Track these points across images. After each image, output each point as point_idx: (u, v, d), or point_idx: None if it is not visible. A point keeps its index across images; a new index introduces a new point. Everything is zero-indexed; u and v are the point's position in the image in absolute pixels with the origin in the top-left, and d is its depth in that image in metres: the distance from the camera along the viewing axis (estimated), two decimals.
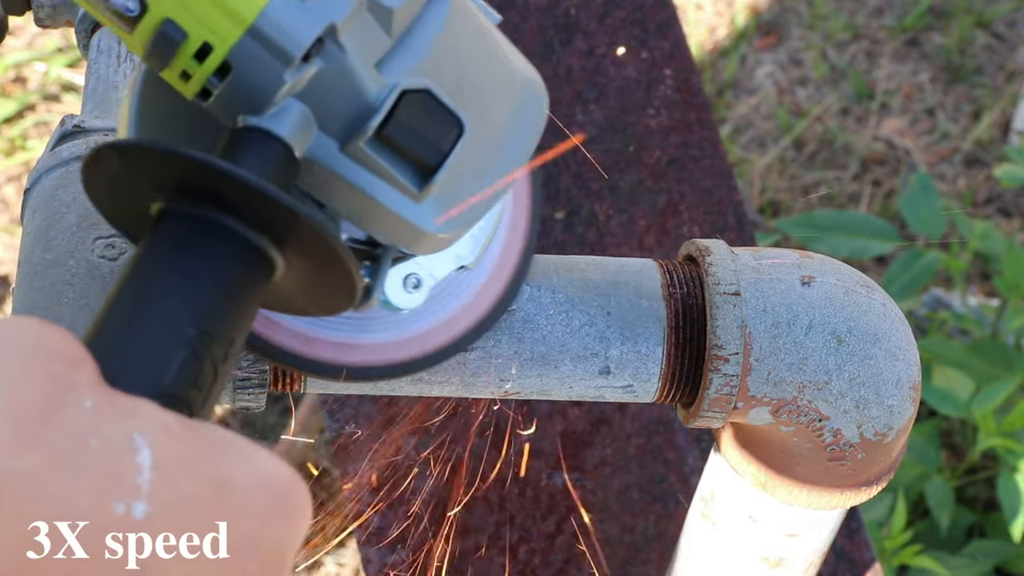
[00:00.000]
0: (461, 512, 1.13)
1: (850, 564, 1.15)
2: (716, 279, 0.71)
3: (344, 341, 0.66)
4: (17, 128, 2.13)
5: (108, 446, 0.41)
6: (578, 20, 1.36)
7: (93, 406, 0.42)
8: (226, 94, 0.54)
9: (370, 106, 0.55)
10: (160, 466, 0.41)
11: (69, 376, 0.42)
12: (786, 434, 0.74)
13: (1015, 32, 2.34)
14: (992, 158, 2.18)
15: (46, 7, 0.89)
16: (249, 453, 0.44)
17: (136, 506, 0.41)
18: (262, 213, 0.50)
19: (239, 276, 0.50)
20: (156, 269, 0.49)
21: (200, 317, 0.49)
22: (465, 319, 0.68)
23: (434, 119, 0.56)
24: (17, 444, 0.40)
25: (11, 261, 2.01)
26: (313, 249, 0.51)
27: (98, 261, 0.69)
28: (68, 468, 0.40)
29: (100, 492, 0.40)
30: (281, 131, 0.54)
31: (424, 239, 0.59)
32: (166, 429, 0.43)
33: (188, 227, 0.50)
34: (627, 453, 1.17)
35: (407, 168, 0.57)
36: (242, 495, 0.43)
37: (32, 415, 0.40)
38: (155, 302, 0.48)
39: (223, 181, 0.49)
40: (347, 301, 0.54)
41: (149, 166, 0.50)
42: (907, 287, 1.68)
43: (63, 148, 0.74)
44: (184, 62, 0.53)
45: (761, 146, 2.19)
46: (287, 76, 0.53)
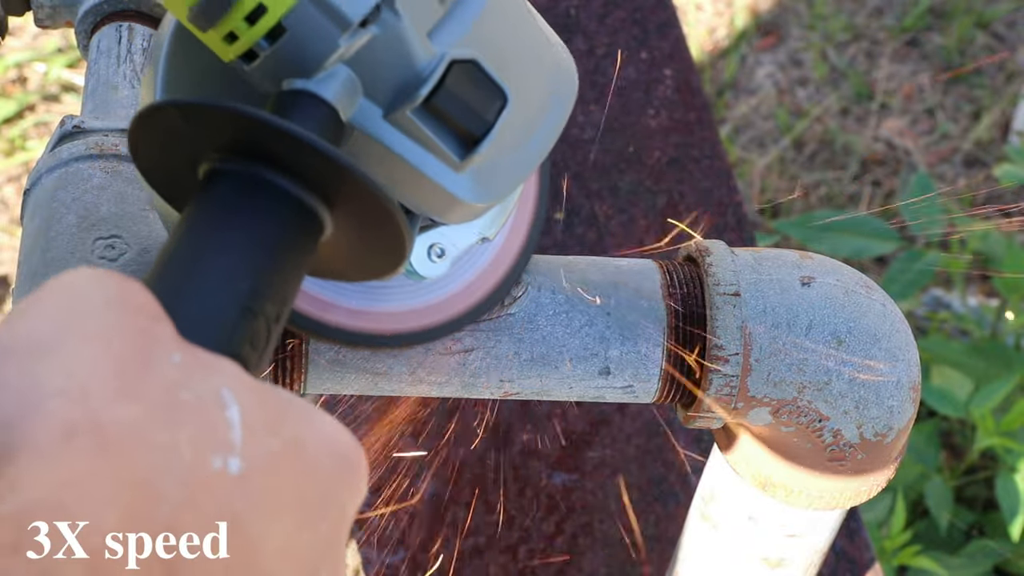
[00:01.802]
0: (461, 510, 1.13)
1: (850, 564, 1.15)
2: (716, 279, 0.71)
3: (358, 308, 0.66)
4: (17, 128, 2.13)
5: (200, 401, 0.41)
6: (578, 20, 1.36)
7: (180, 360, 0.42)
8: (274, 57, 0.53)
9: (418, 75, 0.55)
10: (248, 423, 0.42)
11: (154, 330, 0.42)
12: (786, 434, 0.74)
13: (1015, 32, 2.34)
14: (992, 158, 2.18)
15: (46, 7, 0.89)
16: (315, 415, 0.45)
17: (232, 461, 0.41)
18: (315, 172, 0.49)
19: (291, 235, 0.50)
20: (209, 228, 0.49)
21: (254, 276, 0.48)
22: (477, 291, 0.69)
23: (480, 90, 0.56)
24: (119, 394, 0.40)
25: (11, 261, 2.01)
26: (363, 210, 0.51)
27: (98, 262, 0.69)
28: (167, 420, 0.40)
29: (199, 446, 0.40)
30: (329, 95, 0.53)
31: (459, 208, 0.59)
32: (246, 386, 0.43)
33: (238, 186, 0.50)
34: (627, 453, 1.17)
35: (450, 137, 0.56)
36: (314, 455, 0.43)
37: (127, 365, 0.40)
38: (211, 260, 0.48)
39: (277, 139, 0.49)
40: (393, 265, 0.54)
41: (202, 124, 0.49)
42: (907, 287, 1.68)
43: (63, 149, 0.74)
44: (234, 23, 0.53)
45: (761, 146, 2.19)
46: (342, 41, 0.53)
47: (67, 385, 0.39)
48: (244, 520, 0.40)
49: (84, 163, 0.73)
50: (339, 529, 0.44)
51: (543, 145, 0.61)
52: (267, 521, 0.41)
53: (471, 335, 0.70)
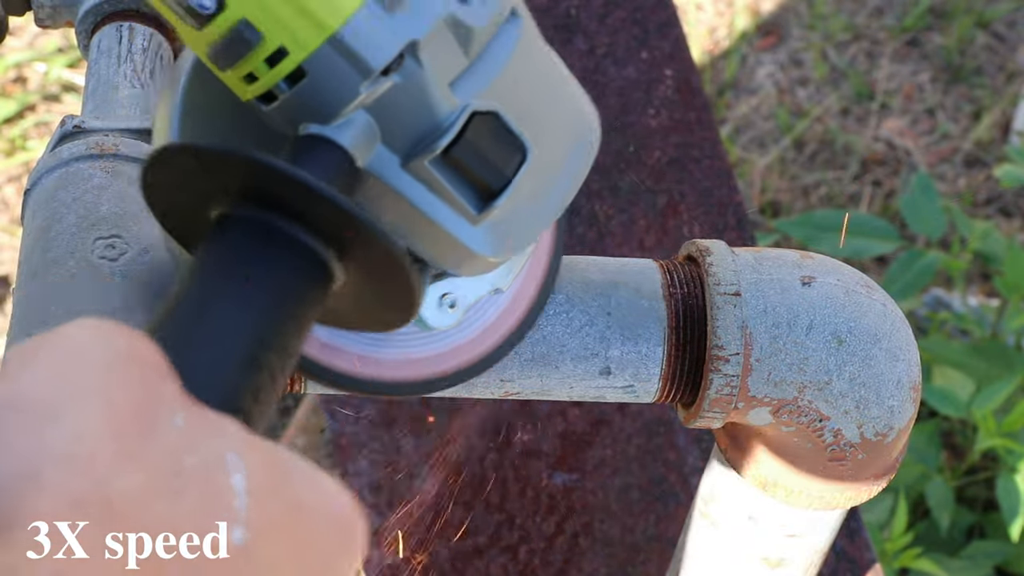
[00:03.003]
0: (461, 512, 1.13)
1: (850, 564, 1.15)
2: (716, 279, 0.71)
3: (364, 354, 0.66)
4: (17, 128, 2.13)
5: (204, 466, 0.40)
6: (578, 20, 1.36)
7: (184, 422, 0.41)
8: (293, 101, 0.52)
9: (439, 125, 0.54)
10: (252, 490, 0.41)
11: (159, 388, 0.41)
12: (786, 434, 0.74)
13: (1015, 32, 2.34)
14: (992, 158, 2.18)
15: (46, 7, 0.89)
16: (315, 477, 0.44)
17: (236, 531, 0.40)
18: (328, 222, 0.48)
19: (300, 286, 0.49)
20: (216, 276, 0.48)
21: (260, 327, 0.47)
22: (486, 341, 0.68)
23: (500, 143, 0.55)
24: (120, 461, 0.38)
25: (11, 261, 2.01)
26: (375, 263, 0.50)
27: (98, 262, 0.69)
28: (170, 489, 0.39)
29: (202, 516, 0.39)
30: (346, 142, 0.52)
31: (474, 261, 0.58)
32: (250, 448, 0.42)
33: (250, 233, 0.49)
34: (627, 453, 1.17)
35: (468, 190, 0.56)
36: (315, 521, 0.43)
37: (130, 429, 0.39)
38: (217, 311, 0.47)
39: (289, 187, 0.48)
40: (403, 318, 0.53)
41: (216, 169, 0.48)
42: (907, 287, 1.69)
43: (63, 148, 0.74)
44: (253, 65, 0.52)
45: (761, 146, 2.19)
46: (363, 88, 0.52)
47: (72, 450, 0.38)
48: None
49: (84, 163, 0.73)
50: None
51: (563, 197, 0.60)
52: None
53: None
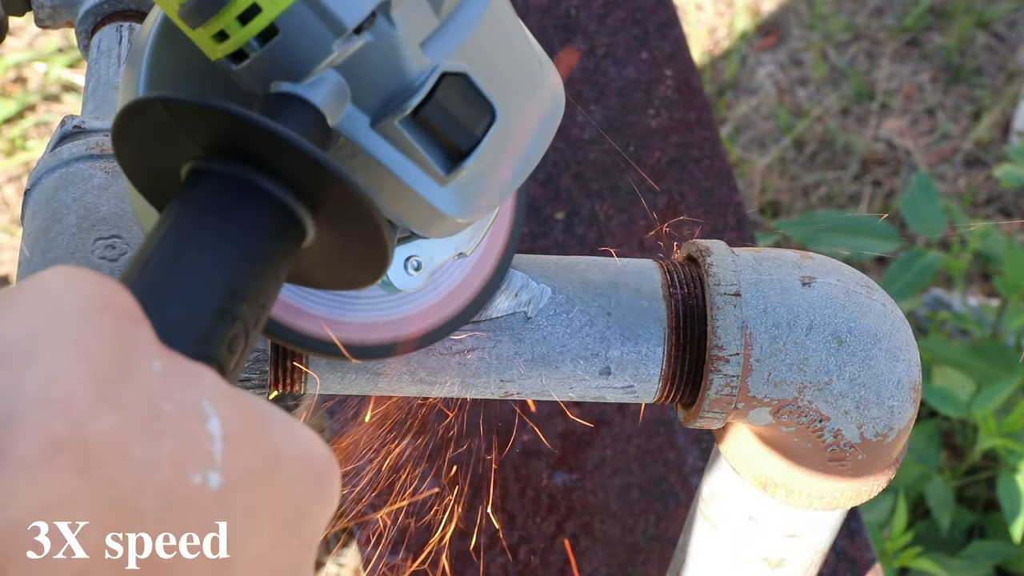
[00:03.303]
0: (461, 512, 1.13)
1: (850, 564, 1.15)
2: (716, 279, 0.71)
3: (330, 317, 0.66)
4: (17, 128, 2.13)
5: (181, 412, 0.40)
6: (578, 20, 1.36)
7: (161, 368, 0.41)
8: (265, 59, 0.53)
9: (409, 85, 0.55)
10: (228, 436, 0.41)
11: (135, 335, 0.41)
12: (786, 434, 0.74)
13: (1015, 32, 2.34)
14: (992, 158, 2.18)
15: (46, 7, 0.89)
16: (291, 427, 0.44)
17: (211, 477, 0.40)
18: (301, 175, 0.49)
19: (273, 239, 0.49)
20: (189, 228, 0.48)
21: (233, 278, 0.48)
22: (450, 305, 0.68)
23: (469, 104, 0.56)
24: (97, 403, 0.39)
25: (11, 261, 2.01)
26: (347, 217, 0.50)
27: (98, 262, 0.69)
28: (148, 433, 0.39)
29: (180, 461, 0.40)
30: (317, 100, 0.53)
31: (441, 222, 0.59)
32: (226, 396, 0.42)
33: (223, 187, 0.49)
34: (627, 453, 1.17)
35: (437, 150, 0.56)
36: (290, 471, 0.43)
37: (108, 374, 0.39)
38: (189, 261, 0.47)
39: (263, 140, 0.48)
40: (373, 275, 0.53)
41: (189, 121, 0.48)
42: (907, 287, 1.69)
43: (63, 149, 0.74)
44: (225, 22, 0.52)
45: (761, 146, 2.19)
46: (335, 47, 0.52)
47: (50, 394, 0.38)
48: (221, 536, 0.40)
49: (85, 163, 0.73)
50: (311, 544, 0.44)
51: (528, 162, 0.60)
52: (243, 537, 0.41)
53: (471, 335, 0.70)
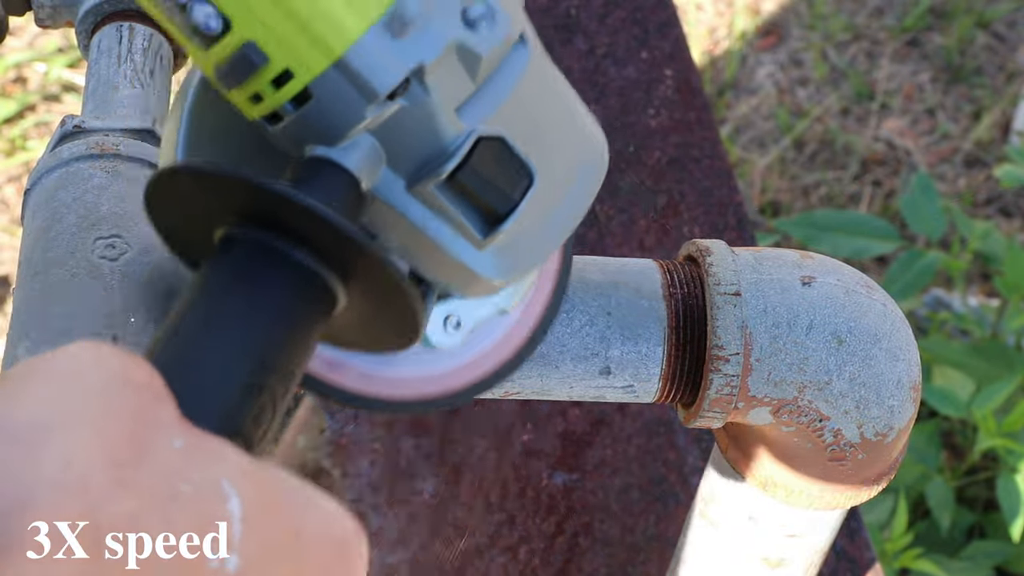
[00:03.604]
0: (461, 512, 1.13)
1: (850, 564, 1.15)
2: (716, 279, 0.71)
3: (367, 371, 0.65)
4: (17, 128, 2.13)
5: (199, 493, 0.40)
6: (578, 20, 1.37)
7: (182, 447, 0.41)
8: (299, 123, 0.53)
9: (444, 149, 0.54)
10: (247, 516, 0.41)
11: (155, 412, 0.41)
12: (786, 434, 0.74)
13: (1015, 32, 2.34)
14: (992, 158, 2.18)
15: (46, 7, 0.89)
16: (316, 501, 0.44)
17: (230, 559, 0.40)
18: (331, 246, 0.48)
19: (303, 308, 0.49)
20: (219, 298, 0.48)
21: (263, 350, 0.47)
22: (491, 360, 0.67)
23: (506, 168, 0.55)
24: (112, 487, 0.38)
25: (11, 261, 2.01)
26: (378, 287, 0.50)
27: (98, 261, 0.69)
28: (164, 516, 0.39)
29: (196, 544, 0.39)
30: (351, 165, 0.52)
31: (479, 284, 0.58)
32: (247, 474, 0.42)
33: (253, 255, 0.49)
34: (627, 453, 1.17)
35: (474, 214, 0.56)
36: (313, 547, 0.43)
37: (124, 455, 0.39)
38: (218, 332, 0.47)
39: (294, 211, 0.48)
40: (406, 341, 0.53)
41: (218, 190, 0.48)
42: (907, 287, 1.69)
43: (63, 148, 0.74)
44: (259, 86, 0.52)
45: (761, 146, 2.19)
46: (368, 112, 0.52)
47: (64, 477, 0.38)
48: None
49: (85, 163, 0.73)
50: None
51: (569, 220, 0.60)
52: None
53: None
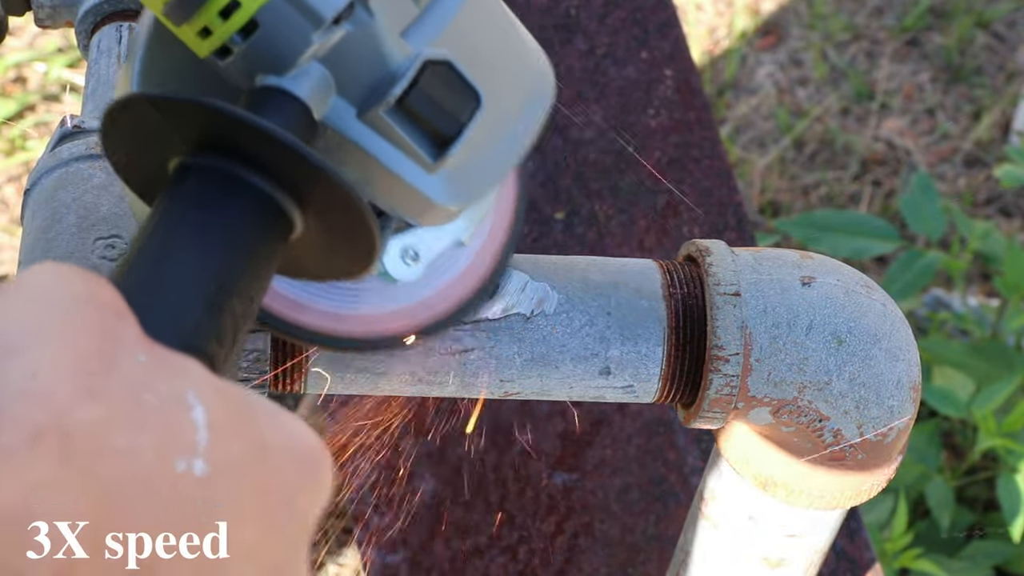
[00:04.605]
0: (461, 512, 1.13)
1: (850, 564, 1.15)
2: (716, 279, 0.71)
3: (331, 311, 0.66)
4: (17, 128, 2.13)
5: (164, 403, 0.41)
6: (578, 20, 1.36)
7: (146, 360, 0.42)
8: (247, 53, 0.53)
9: (392, 74, 0.55)
10: (213, 425, 0.41)
11: (119, 329, 0.42)
12: (786, 434, 0.74)
13: (1015, 32, 2.34)
14: (992, 158, 2.18)
15: (46, 7, 0.89)
16: (281, 417, 0.44)
17: (196, 464, 0.40)
18: (286, 169, 0.49)
19: (260, 233, 0.50)
20: (176, 223, 0.49)
21: (221, 272, 0.48)
22: (452, 296, 0.68)
23: (453, 91, 0.56)
24: (80, 395, 0.39)
25: (11, 261, 2.01)
26: (334, 210, 0.51)
27: (98, 261, 0.69)
28: (131, 423, 0.40)
29: (163, 449, 0.40)
30: (302, 92, 0.53)
31: (432, 210, 0.59)
32: (211, 387, 0.42)
33: (209, 182, 0.50)
34: (627, 453, 1.17)
35: (423, 138, 0.56)
36: (279, 460, 0.43)
37: (91, 366, 0.40)
38: (177, 256, 0.48)
39: (248, 135, 0.49)
40: (363, 265, 0.53)
41: (174, 117, 0.49)
42: (907, 287, 1.68)
43: (63, 148, 0.74)
44: (208, 18, 0.53)
45: (761, 146, 2.19)
46: (315, 38, 0.53)
47: (32, 386, 0.39)
48: (209, 520, 0.40)
49: (84, 163, 0.73)
50: (303, 532, 0.44)
51: (518, 148, 0.60)
52: (231, 524, 0.41)
53: (471, 335, 0.70)
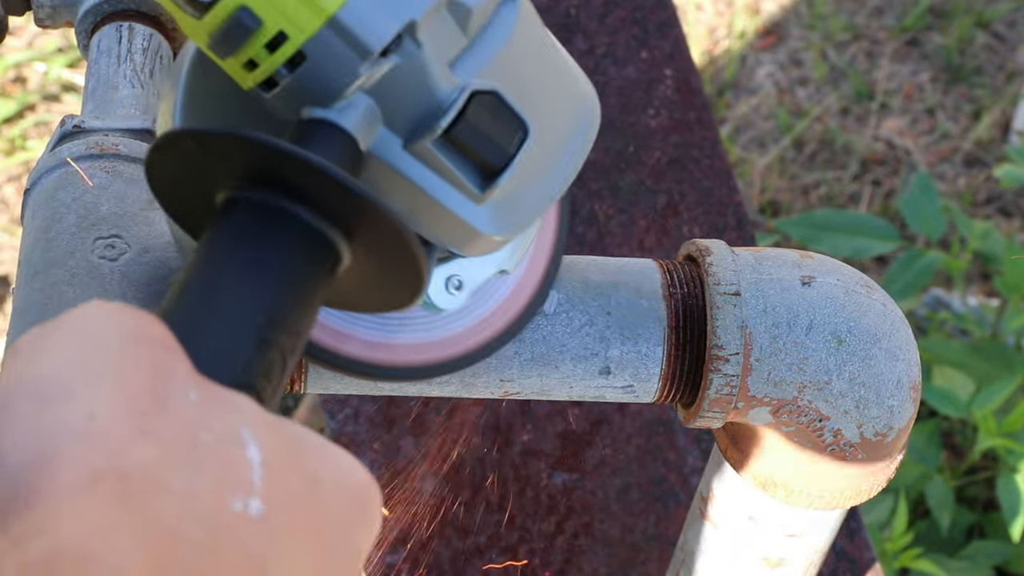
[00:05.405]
0: (461, 512, 1.13)
1: (850, 564, 1.15)
2: (716, 279, 0.71)
3: (374, 340, 0.66)
4: (17, 128, 2.13)
5: (219, 441, 0.41)
6: (578, 20, 1.36)
7: (198, 398, 0.41)
8: (294, 85, 0.53)
9: (439, 105, 0.55)
10: (267, 463, 0.41)
11: (171, 366, 0.42)
12: (786, 434, 0.74)
13: (1015, 32, 2.34)
14: (992, 158, 2.18)
15: (46, 7, 0.89)
16: (331, 452, 0.44)
17: (252, 503, 0.40)
18: (333, 202, 0.49)
19: (308, 266, 0.50)
20: (226, 258, 0.49)
21: (270, 307, 0.48)
22: (495, 323, 0.68)
23: (501, 121, 0.56)
24: (135, 435, 0.39)
25: (11, 261, 2.01)
26: (381, 242, 0.50)
27: (98, 262, 0.69)
28: (187, 462, 0.40)
29: (219, 488, 0.40)
30: (348, 124, 0.53)
31: (478, 241, 0.59)
32: (264, 424, 0.42)
33: (256, 216, 0.49)
34: (627, 453, 1.17)
35: (471, 169, 0.56)
36: (331, 495, 0.43)
37: (144, 406, 0.40)
38: (226, 290, 0.48)
39: (295, 169, 0.48)
40: (410, 297, 0.53)
41: (221, 152, 0.49)
42: (907, 287, 1.69)
43: (63, 148, 0.74)
44: (254, 51, 0.53)
45: (761, 146, 2.19)
46: (362, 70, 0.53)
47: (88, 428, 0.39)
48: (265, 562, 0.40)
49: (84, 163, 0.73)
50: (355, 566, 0.44)
51: (565, 176, 0.60)
52: (288, 561, 0.41)
53: None
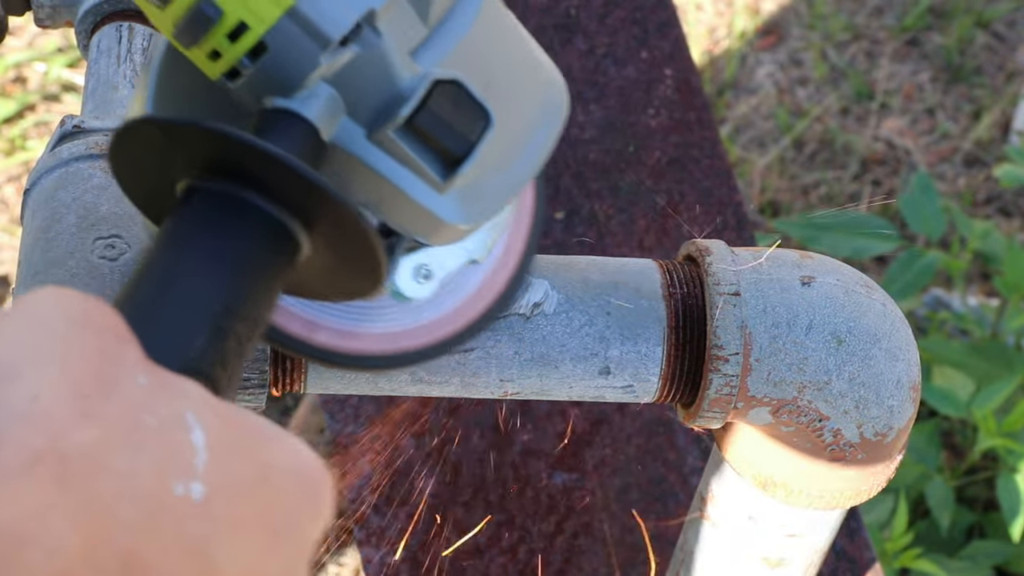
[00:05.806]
0: (461, 512, 1.13)
1: (850, 564, 1.15)
2: (716, 279, 0.71)
3: (346, 329, 0.66)
4: (17, 128, 2.13)
5: (163, 424, 0.41)
6: (578, 20, 1.36)
7: (146, 383, 0.42)
8: (257, 75, 0.54)
9: (401, 94, 0.55)
10: (212, 447, 0.41)
11: (119, 352, 0.42)
12: (786, 434, 0.74)
13: (1015, 32, 2.34)
14: (992, 158, 2.18)
15: (46, 7, 0.89)
16: (282, 439, 0.44)
17: (194, 487, 0.40)
18: (292, 192, 0.50)
19: (266, 256, 0.50)
20: (183, 246, 0.49)
21: (227, 295, 0.48)
22: (469, 312, 0.68)
23: (463, 110, 0.56)
24: (77, 418, 0.39)
25: (11, 261, 2.01)
26: (340, 232, 0.51)
27: (98, 262, 0.69)
28: (128, 444, 0.40)
29: (160, 471, 0.40)
30: (310, 114, 0.53)
31: (443, 230, 0.59)
32: (211, 409, 0.43)
33: (216, 205, 0.50)
34: (627, 453, 1.17)
35: (433, 158, 0.56)
36: (280, 482, 0.43)
37: (89, 389, 0.40)
38: (183, 278, 0.48)
39: (255, 159, 0.49)
40: (370, 287, 0.54)
41: (182, 142, 0.49)
42: (907, 287, 1.69)
43: (63, 148, 0.74)
44: (216, 41, 0.53)
45: (761, 146, 2.19)
46: (322, 59, 0.53)
47: (31, 409, 0.39)
48: (206, 545, 0.40)
49: (84, 163, 0.73)
50: (303, 554, 0.44)
51: (531, 165, 0.60)
52: (230, 546, 0.41)
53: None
